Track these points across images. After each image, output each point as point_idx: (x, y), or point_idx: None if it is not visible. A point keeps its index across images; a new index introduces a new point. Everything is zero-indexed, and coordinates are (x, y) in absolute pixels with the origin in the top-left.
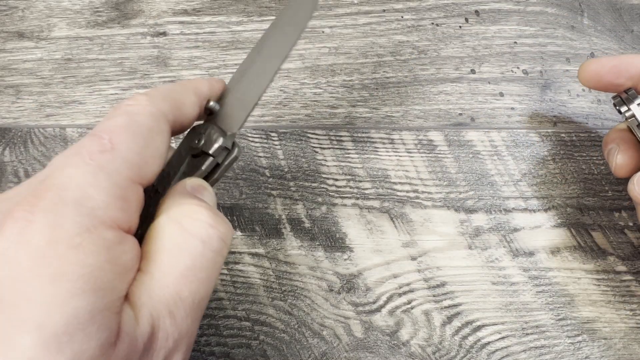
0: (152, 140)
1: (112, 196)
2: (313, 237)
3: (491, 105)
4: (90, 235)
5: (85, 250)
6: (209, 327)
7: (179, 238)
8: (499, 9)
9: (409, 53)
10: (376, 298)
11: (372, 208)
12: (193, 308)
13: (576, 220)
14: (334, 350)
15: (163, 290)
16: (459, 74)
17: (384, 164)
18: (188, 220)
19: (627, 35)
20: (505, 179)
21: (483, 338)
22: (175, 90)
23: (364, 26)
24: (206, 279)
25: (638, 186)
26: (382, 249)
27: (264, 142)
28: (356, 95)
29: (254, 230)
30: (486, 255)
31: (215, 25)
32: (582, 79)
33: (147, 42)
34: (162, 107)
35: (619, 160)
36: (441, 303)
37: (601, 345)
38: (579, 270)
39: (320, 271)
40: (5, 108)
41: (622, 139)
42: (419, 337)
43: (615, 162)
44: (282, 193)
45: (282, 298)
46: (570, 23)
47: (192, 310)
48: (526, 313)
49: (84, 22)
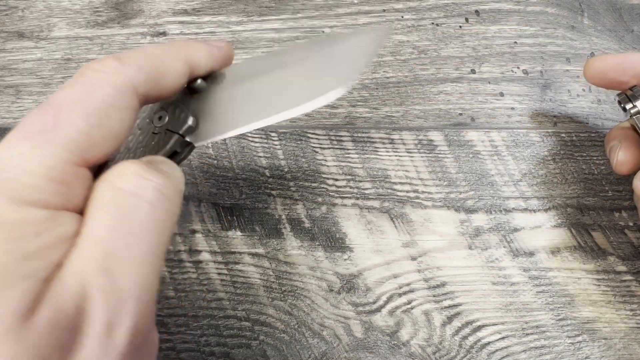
0: (108, 119)
1: (43, 179)
2: (313, 237)
3: (491, 105)
4: (11, 212)
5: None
6: (209, 327)
7: (108, 194)
8: (499, 9)
9: (409, 53)
10: (376, 298)
11: (372, 208)
12: (133, 263)
13: (576, 220)
14: (334, 351)
15: (94, 247)
16: (459, 74)
17: (384, 164)
18: (116, 176)
19: (627, 35)
20: (506, 179)
21: (483, 338)
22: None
23: (364, 26)
24: (145, 232)
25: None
26: (382, 249)
27: (264, 142)
28: (356, 95)
29: (254, 230)
30: (486, 256)
31: (215, 25)
32: (587, 75)
33: (147, 42)
34: (134, 78)
35: (620, 157)
36: (441, 303)
37: (601, 346)
38: (579, 271)
39: (320, 271)
40: (5, 108)
41: (625, 137)
42: (419, 337)
43: (617, 158)
44: (282, 193)
45: (282, 298)
46: (571, 23)
47: (133, 265)
48: (526, 313)
49: (83, 22)
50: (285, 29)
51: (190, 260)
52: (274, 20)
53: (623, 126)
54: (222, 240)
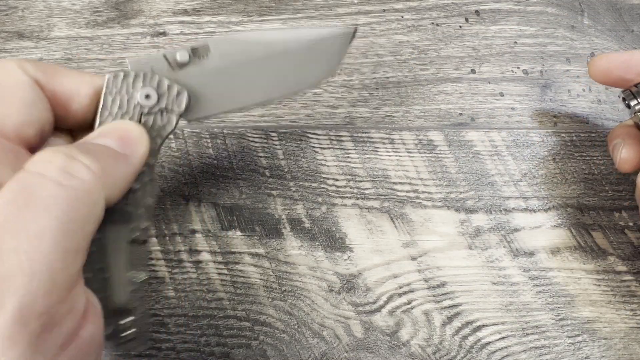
0: None
1: None
2: (313, 237)
3: (491, 105)
4: None
5: None
6: (209, 327)
7: (16, 175)
8: (499, 9)
9: (409, 53)
10: (376, 298)
11: (372, 208)
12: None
13: (576, 220)
14: (334, 351)
15: None
16: (459, 74)
17: (384, 164)
18: (29, 162)
19: (627, 35)
20: (506, 179)
21: (483, 338)
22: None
23: (364, 26)
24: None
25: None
26: (382, 249)
27: (264, 142)
28: (356, 95)
29: (254, 230)
30: (486, 255)
31: (215, 25)
32: (592, 73)
33: (147, 42)
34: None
35: (623, 155)
36: (441, 303)
37: (601, 346)
38: (579, 271)
39: (320, 271)
40: None
41: (628, 134)
42: (419, 337)
43: (620, 156)
44: (282, 193)
45: (282, 298)
46: (571, 23)
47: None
48: (526, 313)
49: (83, 22)
50: (285, 29)
51: (190, 260)
52: (274, 20)
53: (626, 124)
54: (222, 240)
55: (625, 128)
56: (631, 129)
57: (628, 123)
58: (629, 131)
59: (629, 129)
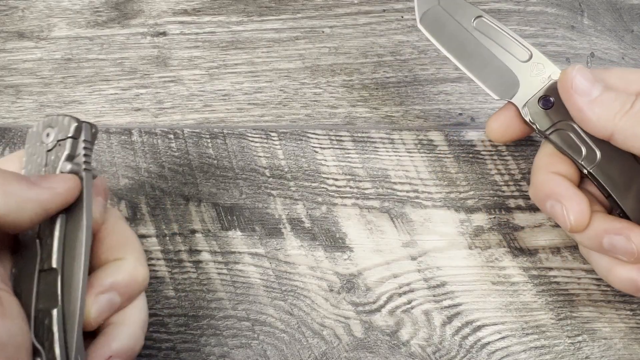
0: None
1: None
2: (313, 237)
3: (491, 105)
4: None
5: None
6: (209, 327)
7: None
8: (499, 9)
9: (409, 53)
10: (376, 298)
11: (372, 208)
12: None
13: None
14: (334, 350)
15: None
16: (459, 74)
17: (384, 163)
18: None
19: (627, 35)
20: (506, 179)
21: (483, 338)
22: None
23: (364, 26)
24: None
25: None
26: (382, 249)
27: (264, 142)
28: (356, 95)
29: (254, 230)
30: (486, 255)
31: (215, 25)
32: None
33: (147, 42)
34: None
35: (573, 218)
36: (441, 303)
37: (601, 345)
38: (579, 270)
39: (320, 271)
40: (5, 108)
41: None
42: (419, 337)
43: (571, 221)
44: (282, 193)
45: (282, 298)
46: (570, 23)
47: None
48: (526, 313)
49: (84, 22)
50: (285, 29)
51: (190, 260)
52: (274, 20)
53: (547, 153)
54: (222, 240)
55: (553, 177)
56: (560, 178)
57: (547, 152)
58: (560, 184)
59: (559, 179)
